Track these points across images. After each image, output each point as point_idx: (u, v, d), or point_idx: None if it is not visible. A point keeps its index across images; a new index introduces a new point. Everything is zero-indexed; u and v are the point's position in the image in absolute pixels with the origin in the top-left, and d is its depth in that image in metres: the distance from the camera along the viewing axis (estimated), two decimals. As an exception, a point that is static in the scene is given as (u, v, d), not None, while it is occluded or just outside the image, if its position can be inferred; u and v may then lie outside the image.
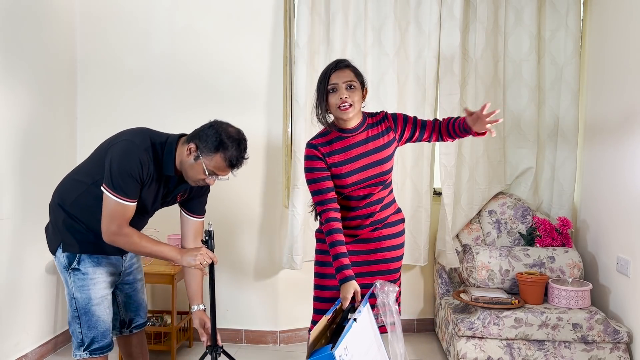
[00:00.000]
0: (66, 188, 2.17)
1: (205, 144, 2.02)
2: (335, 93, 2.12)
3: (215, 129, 2.03)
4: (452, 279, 3.40)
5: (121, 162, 2.00)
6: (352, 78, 2.13)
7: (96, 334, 2.13)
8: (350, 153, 2.20)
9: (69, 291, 2.14)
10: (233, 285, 3.39)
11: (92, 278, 2.11)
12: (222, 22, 3.33)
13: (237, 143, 2.03)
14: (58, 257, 2.13)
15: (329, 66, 2.18)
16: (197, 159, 2.03)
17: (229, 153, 2.01)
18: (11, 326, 2.86)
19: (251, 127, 3.32)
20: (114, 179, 1.98)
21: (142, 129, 2.17)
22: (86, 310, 2.11)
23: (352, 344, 1.70)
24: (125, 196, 1.99)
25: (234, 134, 2.04)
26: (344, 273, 2.06)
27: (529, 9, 3.34)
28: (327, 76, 2.14)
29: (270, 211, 3.37)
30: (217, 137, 2.01)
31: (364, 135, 2.21)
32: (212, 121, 2.09)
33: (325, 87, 2.13)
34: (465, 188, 3.35)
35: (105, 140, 2.18)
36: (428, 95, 3.30)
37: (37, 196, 2.96)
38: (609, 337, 2.73)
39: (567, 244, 3.16)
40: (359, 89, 2.15)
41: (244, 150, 2.06)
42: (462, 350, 2.81)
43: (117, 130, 3.38)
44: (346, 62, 2.18)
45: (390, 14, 3.28)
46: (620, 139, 2.92)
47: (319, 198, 2.18)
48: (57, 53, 3.23)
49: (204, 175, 2.05)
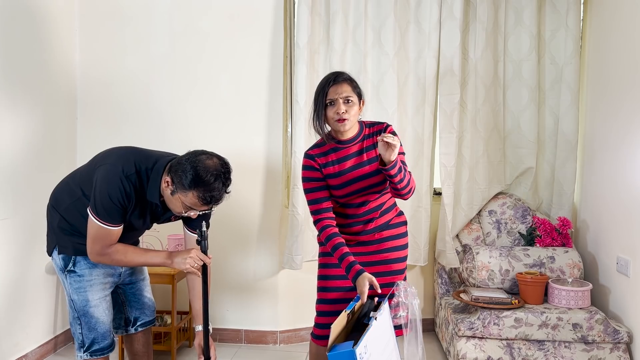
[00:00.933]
0: (61, 192, 2.15)
1: (179, 179, 1.89)
2: (332, 107, 2.13)
3: (191, 162, 1.89)
4: (452, 279, 3.40)
5: (102, 187, 1.94)
6: (349, 93, 2.14)
7: (96, 336, 2.12)
8: (345, 164, 2.21)
9: (67, 293, 2.13)
10: (233, 285, 3.39)
11: (89, 280, 2.09)
12: (222, 22, 3.33)
13: (214, 178, 1.88)
14: (54, 258, 2.13)
15: (328, 78, 2.17)
16: (174, 193, 1.92)
17: (203, 191, 1.87)
18: (11, 326, 2.86)
19: (251, 127, 3.35)
20: (97, 204, 1.94)
21: (130, 151, 2.08)
22: (85, 312, 2.10)
23: (371, 342, 1.71)
24: (108, 221, 1.96)
25: (212, 169, 1.88)
26: (354, 269, 2.07)
27: (529, 9, 3.34)
28: (325, 90, 2.14)
29: (270, 211, 3.37)
30: (192, 172, 1.86)
31: (358, 146, 2.23)
32: (189, 152, 1.95)
33: (323, 100, 2.14)
34: (465, 188, 3.35)
35: (99, 154, 2.14)
36: (428, 95, 3.30)
37: (37, 196, 2.95)
38: (609, 337, 2.73)
39: (567, 244, 3.16)
40: (356, 102, 2.16)
41: (223, 186, 1.91)
42: (462, 350, 2.81)
43: (116, 131, 3.38)
44: (345, 75, 2.19)
45: (390, 14, 3.28)
46: (620, 139, 2.91)
47: (315, 207, 2.21)
48: (56, 53, 3.22)
49: (182, 210, 1.96)
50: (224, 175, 1.91)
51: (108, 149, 2.14)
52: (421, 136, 3.32)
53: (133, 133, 3.37)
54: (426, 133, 3.32)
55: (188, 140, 3.34)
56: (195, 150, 1.96)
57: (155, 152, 2.11)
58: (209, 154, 1.95)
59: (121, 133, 3.38)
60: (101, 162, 2.03)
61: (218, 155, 1.97)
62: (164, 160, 2.02)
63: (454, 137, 3.29)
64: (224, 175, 1.92)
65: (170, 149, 3.19)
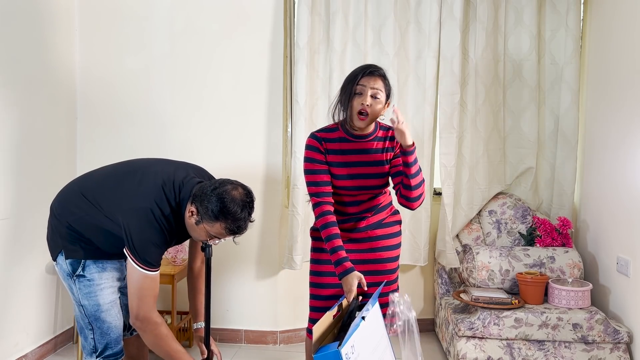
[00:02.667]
0: (71, 203, 2.05)
1: (205, 209, 1.87)
2: (359, 97, 2.08)
3: (217, 193, 1.87)
4: (452, 279, 3.40)
5: (143, 232, 1.89)
6: (380, 89, 2.09)
7: (109, 340, 2.07)
8: (349, 158, 2.18)
9: (75, 299, 2.06)
10: (233, 285, 3.39)
11: (99, 284, 2.03)
12: (222, 22, 3.33)
13: (240, 209, 1.87)
14: (60, 263, 2.05)
15: (364, 68, 2.13)
16: (199, 223, 1.91)
17: (230, 222, 1.87)
18: (11, 326, 2.86)
19: (251, 127, 3.35)
20: (139, 250, 1.88)
21: (155, 188, 1.97)
22: (96, 317, 2.04)
23: (359, 342, 1.70)
24: (151, 266, 1.91)
25: (238, 199, 1.88)
26: (343, 266, 2.04)
27: (529, 9, 3.34)
28: (357, 78, 2.10)
29: (270, 211, 3.37)
30: (219, 203, 1.85)
31: (367, 145, 2.19)
32: (216, 182, 1.93)
33: (352, 87, 2.09)
34: (465, 188, 3.35)
35: (119, 171, 2.08)
36: (428, 95, 3.30)
37: (37, 196, 2.96)
38: (609, 337, 2.72)
39: (567, 244, 3.16)
40: (382, 101, 2.11)
41: (248, 215, 1.92)
42: (462, 351, 2.81)
43: (116, 131, 3.37)
44: (381, 70, 2.13)
45: (390, 14, 3.28)
46: (620, 139, 2.91)
47: (315, 190, 2.15)
48: (56, 53, 3.22)
49: (206, 238, 1.95)
50: (249, 205, 1.92)
51: (132, 175, 2.04)
52: (421, 136, 3.32)
53: (133, 133, 3.38)
54: (426, 133, 3.32)
55: (188, 140, 3.35)
56: (220, 180, 1.95)
57: (177, 174, 2.03)
58: (234, 183, 1.94)
59: (121, 133, 3.38)
60: (130, 206, 1.93)
61: (242, 185, 1.96)
62: (187, 188, 1.97)
63: (454, 137, 3.29)
64: (249, 204, 1.92)
65: (170, 149, 3.23)
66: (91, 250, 2.02)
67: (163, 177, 1.99)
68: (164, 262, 3.15)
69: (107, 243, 2.01)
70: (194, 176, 2.04)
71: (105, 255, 2.05)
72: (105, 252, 2.03)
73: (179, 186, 1.98)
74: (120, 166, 2.14)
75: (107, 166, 2.17)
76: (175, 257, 3.15)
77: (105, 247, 2.02)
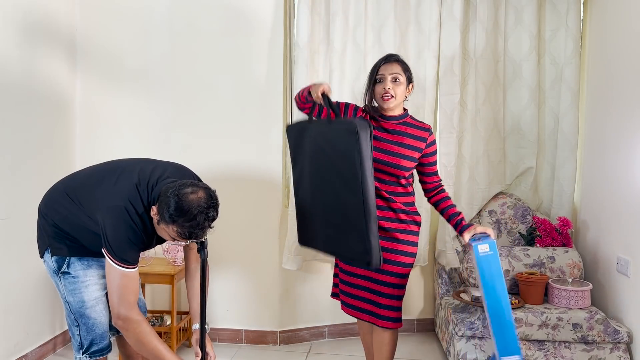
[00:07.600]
0: (57, 202, 2.07)
1: (162, 210, 1.83)
2: (381, 83, 2.30)
3: (175, 195, 1.81)
4: (452, 279, 3.40)
5: (118, 230, 1.89)
6: (399, 72, 2.30)
7: (94, 337, 2.10)
8: (379, 134, 2.31)
9: (62, 295, 2.10)
10: (233, 285, 3.39)
11: (83, 281, 2.06)
12: (222, 22, 3.33)
13: (195, 214, 1.80)
14: (47, 260, 2.09)
15: (381, 58, 2.36)
16: (160, 223, 1.88)
17: (181, 227, 1.82)
18: (11, 326, 2.86)
19: (251, 127, 3.35)
20: (115, 248, 1.89)
21: (129, 187, 1.96)
22: (81, 314, 2.07)
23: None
24: (128, 263, 1.91)
25: (195, 203, 1.80)
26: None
27: (529, 9, 3.34)
28: (377, 67, 2.32)
29: (270, 211, 3.37)
30: (175, 205, 1.79)
31: (401, 127, 2.34)
32: (178, 184, 1.86)
33: (374, 76, 2.32)
34: (465, 188, 3.35)
35: (98, 169, 2.09)
36: (428, 95, 3.30)
37: (36, 196, 2.93)
38: (609, 337, 2.72)
39: (567, 244, 3.16)
40: (404, 82, 2.31)
41: (204, 221, 1.83)
42: (462, 351, 2.81)
43: (116, 131, 3.37)
44: (396, 56, 2.36)
45: (390, 14, 3.28)
46: (620, 139, 2.91)
47: None
48: (56, 53, 3.22)
49: (170, 239, 1.93)
50: (207, 212, 1.83)
51: (110, 172, 2.05)
52: (421, 136, 3.32)
53: (133, 133, 3.37)
54: (426, 133, 3.32)
55: (188, 140, 3.35)
56: (183, 181, 1.88)
57: (153, 173, 2.01)
58: (197, 186, 1.86)
59: (121, 133, 3.38)
60: (107, 204, 1.93)
61: (206, 188, 1.88)
62: (162, 185, 1.94)
63: (454, 137, 3.29)
64: (207, 211, 1.83)
65: (170, 150, 3.23)
66: (76, 247, 2.05)
67: (139, 176, 1.99)
68: (164, 262, 3.16)
69: (91, 241, 2.02)
70: (168, 176, 2.00)
71: (90, 253, 2.07)
72: (90, 250, 2.05)
73: (152, 185, 1.96)
74: (103, 166, 2.14)
75: (92, 166, 2.18)
76: (175, 257, 3.15)
77: (90, 246, 2.04)
